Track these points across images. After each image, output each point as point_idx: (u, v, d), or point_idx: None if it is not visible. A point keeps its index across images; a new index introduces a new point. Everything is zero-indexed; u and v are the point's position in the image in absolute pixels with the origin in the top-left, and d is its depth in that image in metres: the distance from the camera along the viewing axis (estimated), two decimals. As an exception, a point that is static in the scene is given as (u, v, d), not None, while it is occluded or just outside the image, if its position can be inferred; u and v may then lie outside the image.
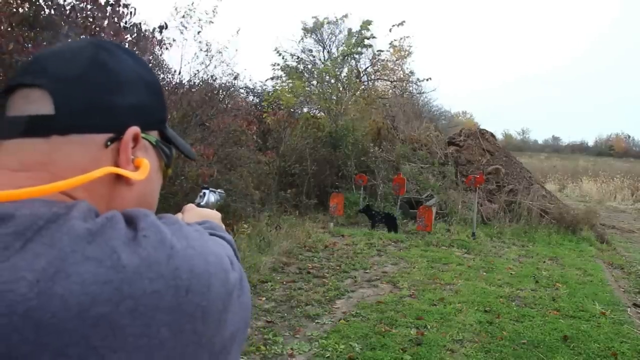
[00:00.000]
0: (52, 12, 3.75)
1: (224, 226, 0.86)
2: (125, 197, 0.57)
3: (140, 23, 4.47)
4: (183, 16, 6.44)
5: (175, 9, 6.46)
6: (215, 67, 7.70)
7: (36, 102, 0.53)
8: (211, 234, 0.71)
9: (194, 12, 6.51)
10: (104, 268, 0.44)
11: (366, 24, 12.27)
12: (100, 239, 0.46)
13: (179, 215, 0.85)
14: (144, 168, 0.57)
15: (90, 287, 0.43)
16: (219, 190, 1.09)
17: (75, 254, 0.44)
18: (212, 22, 6.67)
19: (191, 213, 0.85)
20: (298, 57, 12.85)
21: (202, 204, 0.98)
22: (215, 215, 0.86)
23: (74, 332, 0.42)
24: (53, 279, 0.42)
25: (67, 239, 0.45)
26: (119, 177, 0.55)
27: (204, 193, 1.02)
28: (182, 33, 6.41)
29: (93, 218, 0.48)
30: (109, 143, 0.55)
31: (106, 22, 3.98)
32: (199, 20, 6.57)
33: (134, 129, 0.56)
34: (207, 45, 7.11)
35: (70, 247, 0.44)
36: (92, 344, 0.42)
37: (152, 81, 0.62)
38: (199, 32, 6.73)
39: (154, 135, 0.61)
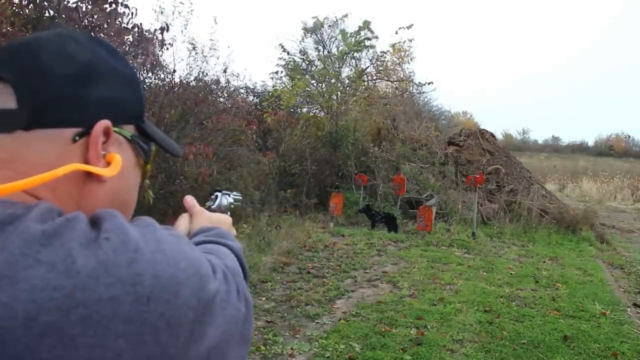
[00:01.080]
0: (56, 13, 3.74)
1: (234, 232, 0.83)
2: (97, 195, 0.53)
3: (141, 23, 4.47)
4: (163, 12, 6.43)
5: (157, 10, 6.44)
6: (207, 63, 7.65)
7: (0, 96, 0.50)
8: (217, 242, 0.68)
9: (176, 8, 6.51)
10: (56, 273, 0.40)
11: (366, 25, 12.28)
12: (57, 242, 0.42)
13: (185, 215, 0.82)
14: (116, 164, 0.53)
15: (38, 294, 0.39)
16: (234, 193, 1.05)
17: (26, 258, 0.40)
18: (193, 11, 6.68)
19: (201, 217, 0.80)
20: (302, 53, 12.91)
21: (213, 207, 0.94)
22: (225, 220, 0.82)
23: (19, 342, 0.38)
24: None
25: (18, 241, 0.41)
26: (89, 174, 0.52)
27: (216, 196, 0.97)
28: (168, 31, 6.39)
29: (53, 219, 0.45)
30: (77, 138, 0.51)
31: (106, 23, 3.98)
32: (179, 13, 6.57)
33: (104, 123, 0.52)
34: (195, 42, 7.09)
35: (21, 250, 0.41)
36: (38, 356, 0.38)
37: (128, 74, 0.58)
38: (185, 27, 6.76)
39: (129, 129, 0.58)
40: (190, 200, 0.84)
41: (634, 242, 9.17)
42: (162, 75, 6.59)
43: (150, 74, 6.02)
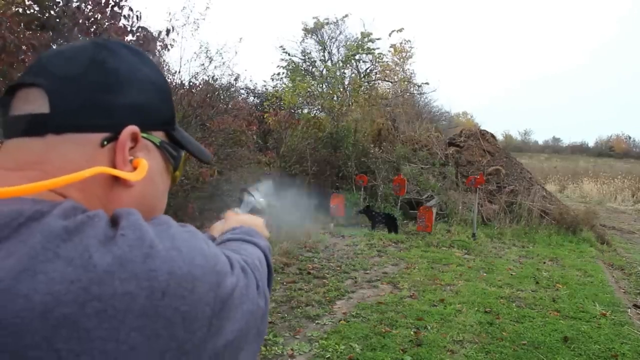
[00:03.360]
0: (57, 13, 3.76)
1: (267, 233, 0.84)
2: (123, 199, 0.55)
3: (142, 27, 4.49)
4: (183, 8, 6.45)
5: (170, 14, 6.51)
6: (215, 67, 7.70)
7: (34, 102, 0.52)
8: (243, 240, 0.70)
9: (191, 11, 6.54)
10: (73, 267, 0.42)
11: (366, 35, 12.36)
12: (77, 237, 0.44)
13: (219, 223, 0.85)
14: (141, 169, 0.55)
15: (55, 287, 0.41)
16: (263, 182, 1.06)
17: (47, 252, 0.42)
18: (205, 19, 6.71)
19: (232, 219, 0.83)
20: (303, 54, 12.94)
21: (242, 211, 0.94)
22: (257, 222, 0.83)
23: (36, 333, 0.40)
24: (18, 278, 0.40)
25: (40, 236, 0.43)
26: (116, 178, 0.54)
27: (242, 198, 0.98)
28: (178, 33, 6.42)
29: (76, 216, 0.46)
30: (105, 142, 0.53)
31: (107, 24, 3.99)
32: (194, 20, 6.59)
33: (132, 128, 0.54)
34: (206, 46, 7.14)
35: (42, 244, 0.42)
36: (54, 346, 0.40)
37: (159, 81, 0.60)
38: (196, 30, 6.76)
39: (158, 136, 0.60)
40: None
41: (635, 243, 9.17)
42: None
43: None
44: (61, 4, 3.73)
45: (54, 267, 0.41)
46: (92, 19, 3.98)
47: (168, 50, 5.81)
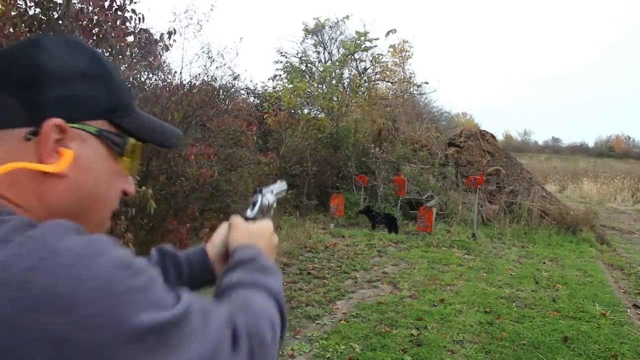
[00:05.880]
0: (63, 15, 3.76)
1: (276, 239, 0.80)
2: (58, 189, 0.56)
3: (146, 29, 4.49)
4: (186, 11, 6.44)
5: (174, 13, 6.51)
6: (217, 68, 7.68)
7: None
8: (255, 284, 0.65)
9: (195, 12, 6.52)
10: None
11: (362, 35, 12.37)
12: None
13: (225, 225, 0.82)
14: (65, 159, 0.55)
15: None
16: (276, 185, 0.99)
17: None
18: (208, 21, 6.70)
19: (238, 231, 0.78)
20: (301, 55, 12.93)
21: (251, 216, 0.84)
22: (265, 231, 0.79)
23: None
24: None
25: None
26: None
27: (256, 200, 0.89)
28: (181, 35, 6.43)
29: None
30: (29, 136, 0.54)
31: (109, 25, 3.99)
32: (198, 21, 6.59)
33: (53, 121, 0.55)
34: (207, 47, 7.12)
35: None
36: None
37: (95, 72, 0.60)
38: (198, 31, 6.75)
39: (98, 125, 0.59)
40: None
41: (634, 243, 9.17)
42: (164, 77, 6.61)
43: (152, 76, 6.03)
44: (62, 5, 3.73)
45: None
46: (95, 21, 3.98)
47: (168, 50, 5.82)
